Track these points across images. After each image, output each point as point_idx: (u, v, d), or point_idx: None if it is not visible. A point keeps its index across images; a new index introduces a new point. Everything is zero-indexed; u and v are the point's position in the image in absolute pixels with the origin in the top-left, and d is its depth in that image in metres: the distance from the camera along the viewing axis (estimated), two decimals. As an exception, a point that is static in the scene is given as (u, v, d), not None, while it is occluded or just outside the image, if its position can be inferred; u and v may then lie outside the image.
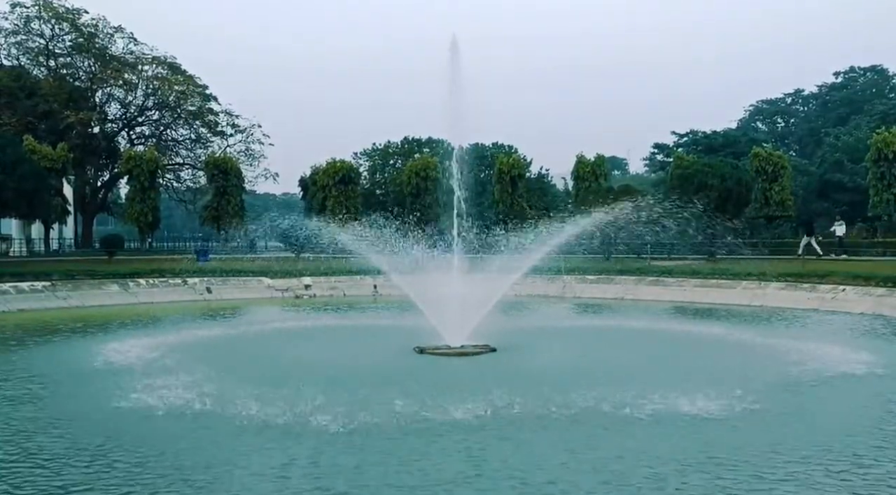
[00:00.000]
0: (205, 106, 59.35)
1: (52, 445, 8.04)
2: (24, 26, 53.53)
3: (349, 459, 7.45)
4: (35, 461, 7.48)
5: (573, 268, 30.00)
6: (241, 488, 6.69)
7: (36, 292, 24.79)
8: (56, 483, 6.80)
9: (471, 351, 14.03)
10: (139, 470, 7.11)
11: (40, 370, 12.85)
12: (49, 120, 51.12)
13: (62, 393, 10.96)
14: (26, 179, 30.40)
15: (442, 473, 7.07)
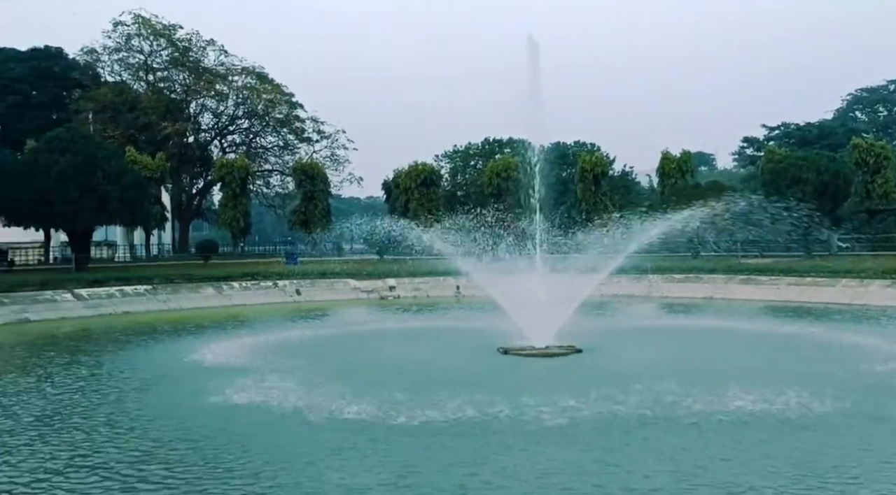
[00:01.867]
0: (292, 113, 61.22)
1: (170, 436, 8.55)
2: (126, 44, 56.67)
3: (442, 458, 7.53)
4: (161, 450, 7.95)
5: (659, 268, 29.32)
6: (335, 486, 6.88)
7: (139, 295, 26.18)
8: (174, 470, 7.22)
9: (556, 352, 13.94)
10: (242, 463, 7.44)
11: (145, 368, 13.55)
12: (148, 131, 53.93)
13: (165, 391, 11.50)
14: (129, 189, 32.16)
15: (538, 474, 7.07)
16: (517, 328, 14.88)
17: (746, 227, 19.18)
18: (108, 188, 30.94)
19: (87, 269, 31.21)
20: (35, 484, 6.99)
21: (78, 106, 54.44)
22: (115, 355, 15.54)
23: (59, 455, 7.92)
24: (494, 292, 16.10)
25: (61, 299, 24.29)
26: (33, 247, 42.90)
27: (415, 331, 19.74)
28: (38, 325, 21.40)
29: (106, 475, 7.19)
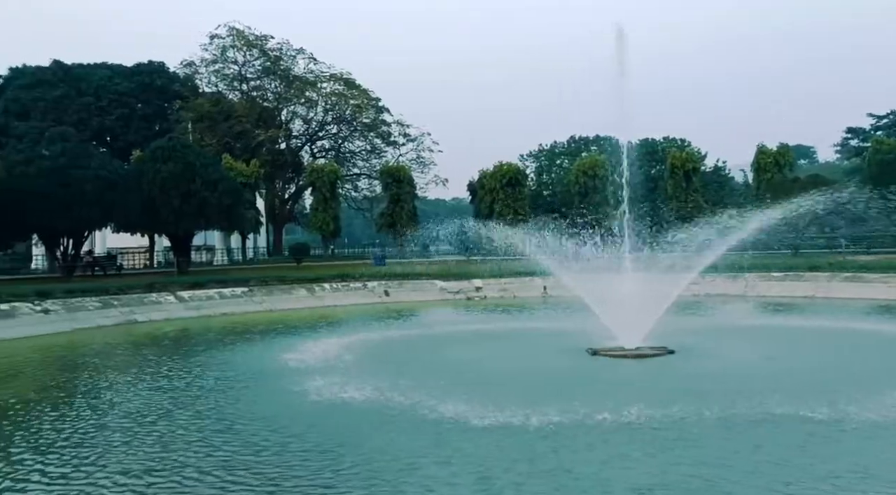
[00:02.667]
0: (378, 118, 62.35)
1: (268, 434, 8.85)
2: (221, 55, 59.19)
3: (535, 459, 7.49)
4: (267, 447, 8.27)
5: (756, 265, 28.17)
6: (436, 486, 6.95)
7: (236, 297, 27.25)
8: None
9: (647, 353, 13.62)
10: (337, 460, 7.64)
11: (244, 367, 14.09)
12: (243, 139, 56.12)
13: (263, 388, 11.92)
14: (226, 195, 33.55)
15: (632, 477, 6.94)
16: (606, 329, 14.63)
17: (851, 222, 18.20)
18: (207, 194, 32.38)
19: (188, 273, 32.77)
20: (137, 480, 7.38)
21: (178, 116, 57.26)
22: (214, 354, 16.22)
23: (163, 451, 8.35)
24: (582, 292, 15.89)
25: (165, 301, 25.57)
26: (139, 252, 45.38)
27: (502, 332, 19.69)
28: (145, 326, 22.60)
29: (205, 471, 7.53)
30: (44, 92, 57.81)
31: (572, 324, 16.42)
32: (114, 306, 24.02)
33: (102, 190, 28.74)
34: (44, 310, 22.16)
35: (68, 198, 27.90)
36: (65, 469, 7.76)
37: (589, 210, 43.79)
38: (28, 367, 15.82)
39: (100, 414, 10.34)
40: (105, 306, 23.83)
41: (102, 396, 11.70)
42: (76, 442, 8.80)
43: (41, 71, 60.73)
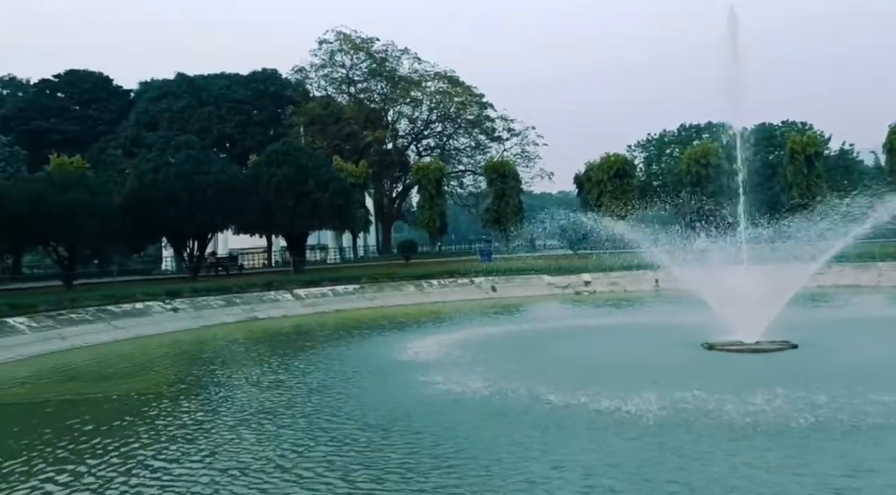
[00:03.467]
0: (482, 114, 62.49)
1: (384, 428, 9.10)
2: (330, 60, 61.08)
3: (656, 461, 7.32)
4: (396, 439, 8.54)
5: (890, 254, 26.24)
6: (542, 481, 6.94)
7: (348, 294, 28.12)
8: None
9: (767, 347, 12.98)
10: (455, 453, 7.76)
11: (360, 362, 14.51)
12: (351, 141, 57.71)
13: (378, 382, 12.19)
14: (337, 195, 34.64)
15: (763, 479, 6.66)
16: (723, 323, 14.06)
17: None
18: (319, 195, 33.54)
19: (304, 271, 34.06)
20: (262, 470, 7.76)
21: (291, 121, 59.65)
22: (332, 349, 16.81)
23: (284, 443, 8.73)
24: (697, 285, 15.33)
25: (283, 299, 26.73)
26: (258, 252, 47.59)
27: (613, 327, 19.33)
28: (265, 323, 23.72)
29: (330, 461, 7.81)
30: (169, 103, 61.69)
31: (687, 318, 15.87)
32: (236, 304, 25.33)
33: (223, 194, 30.35)
34: (173, 309, 23.68)
35: (193, 203, 29.65)
36: (187, 460, 8.26)
37: (702, 199, 42.26)
38: (160, 362, 16.97)
39: (224, 408, 10.90)
40: (228, 304, 25.18)
41: (227, 390, 12.34)
42: (199, 435, 9.34)
43: (167, 83, 64.87)
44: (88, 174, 33.39)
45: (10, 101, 66.98)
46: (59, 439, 9.42)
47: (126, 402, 11.79)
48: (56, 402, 12.44)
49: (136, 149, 57.44)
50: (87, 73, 68.14)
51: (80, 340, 19.39)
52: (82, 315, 21.24)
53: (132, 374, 14.85)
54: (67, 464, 8.21)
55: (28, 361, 17.00)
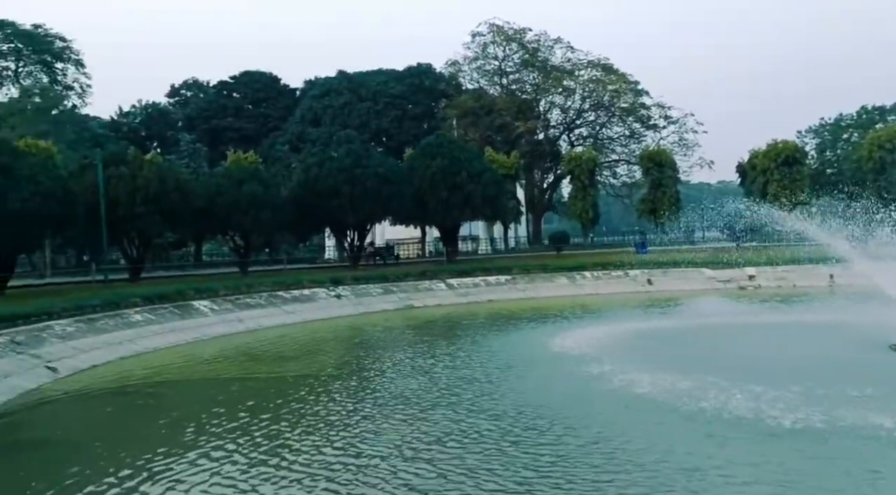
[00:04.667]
0: (637, 101, 60.60)
1: (536, 419, 9.17)
2: (482, 52, 61.62)
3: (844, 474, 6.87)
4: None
5: None
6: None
7: (500, 285, 28.35)
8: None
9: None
10: (616, 449, 7.67)
11: (514, 353, 14.63)
12: (503, 132, 57.97)
13: (542, 373, 12.24)
14: (489, 186, 34.97)
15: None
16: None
17: None
18: (472, 187, 34.02)
19: (456, 261, 34.71)
20: (413, 455, 8.03)
21: (444, 114, 60.86)
22: (485, 339, 17.07)
23: (431, 430, 8.98)
24: (881, 281, 14.04)
25: (437, 288, 27.42)
26: (412, 242, 49.01)
27: (783, 324, 18.13)
28: (420, 311, 24.46)
29: (493, 445, 7.97)
30: (331, 100, 64.90)
31: (868, 317, 14.59)
32: (393, 292, 26.32)
33: (381, 186, 31.56)
34: (337, 296, 24.99)
35: (354, 195, 31.08)
36: (351, 440, 8.72)
37: (886, 187, 38.60)
38: (326, 345, 18.01)
39: (385, 394, 11.37)
40: (386, 292, 26.21)
41: (387, 376, 12.89)
42: (363, 416, 9.83)
43: (329, 81, 68.25)
44: (260, 169, 35.86)
45: (193, 102, 73.30)
46: (228, 416, 10.28)
47: (296, 383, 12.60)
48: (233, 380, 13.58)
49: (301, 144, 60.97)
50: (259, 73, 73.16)
51: (255, 323, 20.95)
52: (257, 299, 22.95)
53: (302, 356, 15.86)
54: (226, 440, 8.93)
55: (211, 341, 18.60)
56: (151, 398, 12.47)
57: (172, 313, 19.91)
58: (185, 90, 76.44)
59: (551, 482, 6.78)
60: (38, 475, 8.02)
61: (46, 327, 16.11)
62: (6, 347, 14.13)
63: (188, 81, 76.82)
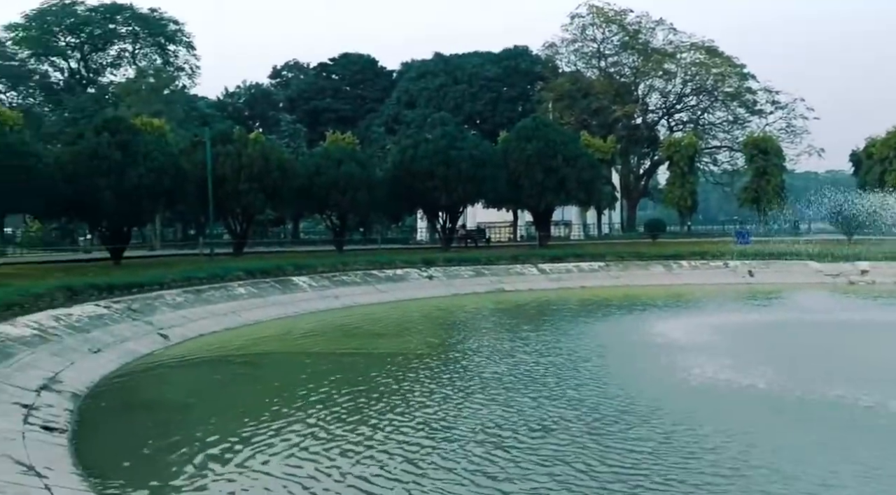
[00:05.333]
0: (742, 85, 58.09)
1: (629, 408, 9.04)
2: (581, 34, 60.42)
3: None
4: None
5: None
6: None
7: (593, 271, 27.93)
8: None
9: None
10: (706, 440, 7.49)
11: (604, 340, 14.46)
12: (599, 116, 56.84)
13: (627, 364, 12.03)
14: (584, 170, 34.45)
15: None
16: None
17: None
18: (567, 171, 33.61)
19: (548, 246, 34.44)
20: (498, 439, 8.05)
21: (540, 97, 60.16)
22: (578, 325, 16.94)
23: (510, 415, 8.97)
24: None
25: (528, 272, 27.30)
26: (504, 226, 48.97)
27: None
28: (511, 295, 24.43)
29: (570, 435, 7.93)
30: (427, 82, 65.33)
31: None
32: (484, 275, 26.39)
33: (475, 168, 31.60)
34: (429, 277, 25.29)
35: (448, 176, 31.26)
36: (429, 421, 8.83)
37: None
38: (417, 324, 18.31)
39: (469, 374, 11.48)
40: (477, 275, 26.32)
41: (478, 357, 12.99)
42: (444, 397, 9.94)
43: (425, 64, 68.71)
44: (357, 149, 36.57)
45: (294, 84, 75.39)
46: (319, 388, 10.57)
47: (386, 361, 12.85)
48: (327, 354, 14.03)
49: (397, 126, 61.82)
50: (358, 55, 74.43)
51: (350, 300, 21.49)
52: (352, 277, 23.54)
53: (393, 335, 16.20)
54: (313, 412, 9.21)
55: (308, 316, 19.23)
56: (252, 368, 13.06)
57: (273, 287, 20.69)
58: (286, 72, 78.72)
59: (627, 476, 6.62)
60: (152, 434, 8.55)
61: (158, 296, 17.06)
62: (123, 314, 15.07)
63: (289, 63, 79.06)
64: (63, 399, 9.55)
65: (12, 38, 56.96)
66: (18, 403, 8.70)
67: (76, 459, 7.28)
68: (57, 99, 56.91)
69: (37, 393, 9.35)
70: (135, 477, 6.93)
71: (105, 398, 10.25)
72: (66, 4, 57.38)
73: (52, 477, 6.34)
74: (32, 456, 6.82)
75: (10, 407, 8.45)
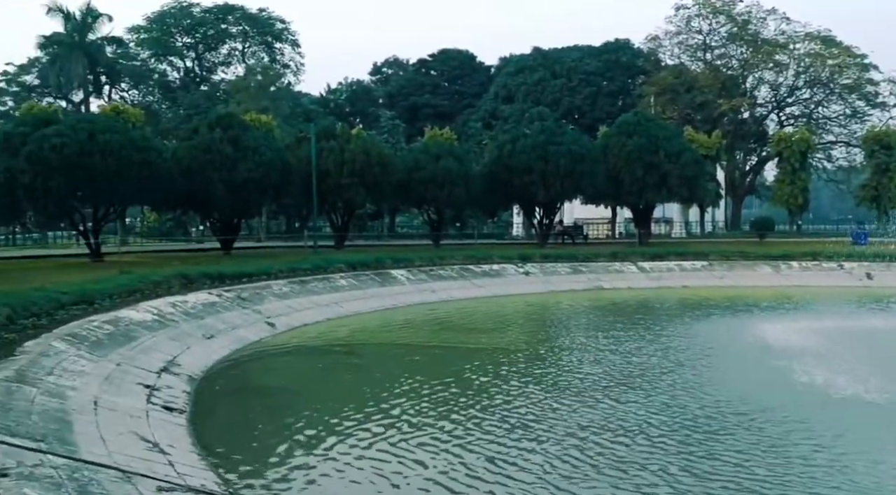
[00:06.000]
0: (863, 77, 54.62)
1: (739, 413, 8.73)
2: (686, 26, 58.38)
3: None
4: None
5: None
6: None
7: (696, 270, 27.07)
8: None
9: None
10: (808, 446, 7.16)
11: (705, 342, 13.97)
12: (704, 110, 54.81)
13: (728, 369, 11.60)
14: (688, 167, 33.40)
15: None
16: None
17: None
18: (669, 166, 32.70)
19: (648, 244, 33.61)
20: (607, 439, 7.94)
21: (641, 91, 58.62)
22: (680, 326, 16.50)
23: (594, 417, 8.82)
24: None
25: (627, 270, 26.76)
26: (601, 222, 48.11)
27: None
28: (609, 292, 24.02)
29: (686, 436, 7.75)
30: (525, 77, 64.90)
31: None
32: (582, 272, 26.06)
33: (573, 163, 31.21)
34: (525, 272, 25.22)
35: (546, 172, 31.02)
36: (512, 419, 8.80)
37: None
38: (512, 320, 18.32)
39: (559, 373, 11.38)
40: (574, 272, 26.02)
41: (568, 355, 12.88)
42: (530, 396, 9.90)
43: (524, 58, 68.29)
44: (455, 145, 36.81)
45: (394, 80, 76.63)
46: (414, 380, 10.75)
47: (478, 356, 12.88)
48: (423, 347, 14.27)
49: (494, 121, 61.77)
50: (456, 51, 74.83)
51: (446, 294, 21.72)
52: (448, 271, 23.77)
53: (488, 330, 16.26)
54: (404, 403, 9.35)
55: (405, 309, 19.57)
56: (353, 357, 13.44)
57: (373, 280, 21.19)
58: (386, 68, 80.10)
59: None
60: (262, 417, 8.98)
61: (266, 286, 17.81)
62: (234, 302, 15.82)
63: (389, 60, 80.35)
64: (181, 381, 10.14)
65: (135, 39, 60.61)
66: (142, 384, 9.32)
67: (194, 439, 7.73)
68: (173, 96, 60.18)
69: (158, 375, 9.98)
70: (248, 458, 7.29)
71: (218, 382, 10.81)
72: (183, 6, 60.56)
73: (174, 454, 6.77)
74: (156, 434, 7.30)
75: (134, 387, 9.06)
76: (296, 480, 6.70)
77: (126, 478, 5.44)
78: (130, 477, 5.48)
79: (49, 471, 4.97)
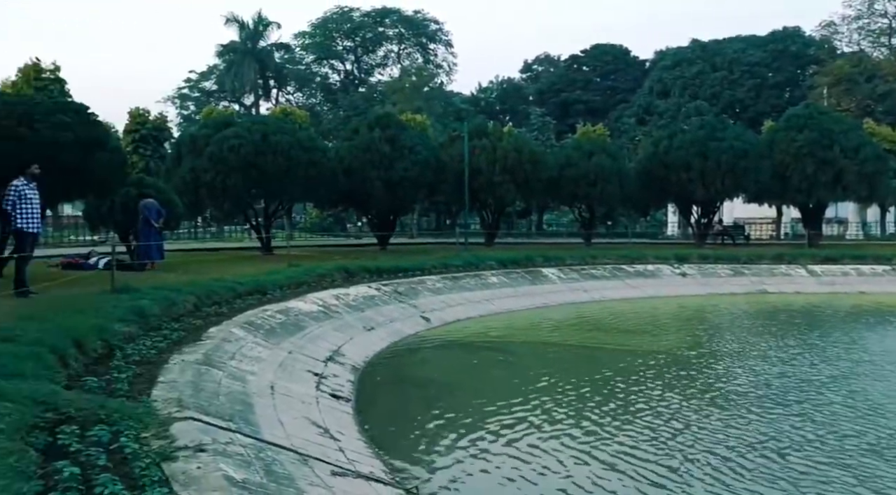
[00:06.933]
0: None
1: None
2: (867, 9, 53.75)
3: None
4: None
5: None
6: None
7: (876, 275, 24.82)
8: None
9: None
10: None
11: (878, 356, 12.75)
12: (887, 100, 50.13)
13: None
14: (868, 162, 30.58)
15: None
16: None
17: None
18: (845, 162, 30.13)
19: (819, 246, 31.17)
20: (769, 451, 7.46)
21: (812, 82, 54.56)
22: (843, 334, 15.31)
23: (743, 434, 8.25)
24: None
25: (795, 274, 25.01)
26: (765, 222, 45.23)
27: None
28: (774, 297, 22.56)
29: (812, 462, 7.16)
30: (682, 70, 62.40)
31: None
32: (744, 275, 24.66)
33: (736, 160, 29.54)
34: (682, 273, 24.24)
35: (705, 169, 29.58)
36: (650, 429, 8.41)
37: None
38: (666, 323, 17.64)
39: (710, 383, 10.81)
40: (735, 274, 24.67)
41: (720, 365, 12.14)
42: (674, 405, 9.46)
43: (681, 51, 65.66)
44: (608, 141, 35.99)
45: (544, 77, 76.25)
46: (559, 383, 10.63)
47: (628, 359, 12.48)
48: (575, 347, 14.09)
49: (648, 116, 59.86)
50: (610, 46, 73.20)
51: (599, 294, 21.33)
52: (601, 271, 23.33)
53: (641, 333, 15.75)
54: (561, 406, 9.22)
55: (556, 308, 19.42)
56: (506, 354, 13.51)
57: (523, 278, 21.21)
58: (536, 65, 79.85)
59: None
60: (421, 408, 9.26)
61: (420, 281, 18.33)
62: (391, 296, 16.43)
63: (540, 56, 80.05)
64: (345, 370, 10.67)
65: (300, 44, 64.42)
66: (311, 371, 9.89)
67: (360, 426, 8.11)
68: (333, 98, 63.37)
69: (325, 364, 10.56)
70: (410, 448, 7.55)
71: (379, 372, 11.27)
72: (343, 11, 63.61)
73: (343, 440, 7.14)
74: (326, 420, 7.73)
75: (304, 375, 9.64)
76: (458, 474, 6.85)
77: (303, 461, 5.81)
78: (307, 460, 5.85)
79: (239, 449, 5.40)
